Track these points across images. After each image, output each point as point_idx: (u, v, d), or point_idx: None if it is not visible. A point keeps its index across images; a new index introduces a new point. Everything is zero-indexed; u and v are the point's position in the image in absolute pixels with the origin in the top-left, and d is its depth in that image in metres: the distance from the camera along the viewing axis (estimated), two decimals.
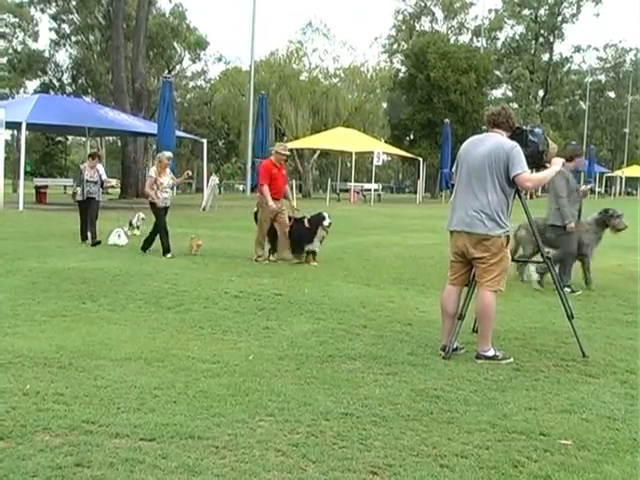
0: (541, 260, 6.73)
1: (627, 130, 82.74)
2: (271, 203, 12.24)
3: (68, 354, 5.99)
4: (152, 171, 13.56)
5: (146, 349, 6.25)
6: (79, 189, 14.83)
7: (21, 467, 3.78)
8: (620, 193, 72.82)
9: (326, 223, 12.46)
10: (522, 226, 10.55)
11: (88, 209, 14.78)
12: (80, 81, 67.24)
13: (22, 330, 6.86)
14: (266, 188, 12.33)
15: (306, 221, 12.64)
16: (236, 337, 6.90)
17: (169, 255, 12.70)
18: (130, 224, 16.60)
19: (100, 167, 15.18)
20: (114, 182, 29.71)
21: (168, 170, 13.53)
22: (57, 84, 67.21)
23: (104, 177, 15.38)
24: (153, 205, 13.27)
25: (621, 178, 74.17)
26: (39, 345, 6.27)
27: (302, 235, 12.51)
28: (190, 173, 21.58)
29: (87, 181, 14.78)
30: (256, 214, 12.88)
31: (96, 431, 4.30)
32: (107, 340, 6.56)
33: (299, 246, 12.56)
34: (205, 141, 32.55)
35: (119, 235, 14.59)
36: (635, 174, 74.34)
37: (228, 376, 5.52)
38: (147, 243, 13.33)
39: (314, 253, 12.50)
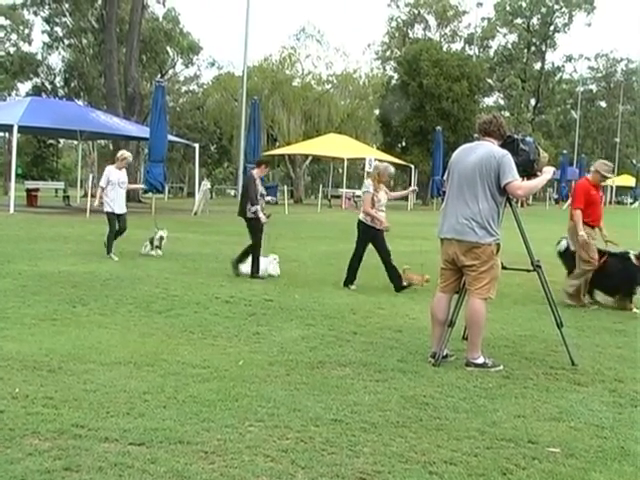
0: (531, 269, 6.73)
1: (618, 140, 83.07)
2: (582, 233, 9.81)
3: (58, 358, 5.98)
4: (368, 185, 10.81)
5: (136, 353, 6.24)
6: (258, 207, 11.47)
7: (9, 471, 3.77)
8: (610, 202, 73.07)
9: None
10: None
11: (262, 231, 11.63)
12: (72, 84, 66.96)
13: (11, 333, 6.85)
14: (579, 213, 9.95)
15: (633, 257, 10.14)
16: (226, 342, 6.90)
17: (402, 289, 10.64)
18: (151, 243, 13.77)
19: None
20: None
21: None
22: (49, 87, 66.98)
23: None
24: (366, 226, 10.77)
25: (612, 187, 74.42)
26: (29, 348, 6.26)
27: (632, 275, 9.98)
28: (416, 189, 18.42)
29: (262, 195, 11.76)
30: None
31: (85, 435, 4.30)
32: (97, 344, 6.56)
33: (629, 288, 10.03)
34: (197, 146, 32.49)
35: (277, 261, 11.70)
36: (625, 183, 74.69)
37: (218, 381, 5.52)
38: (395, 280, 10.76)
39: None
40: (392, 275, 10.78)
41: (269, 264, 11.53)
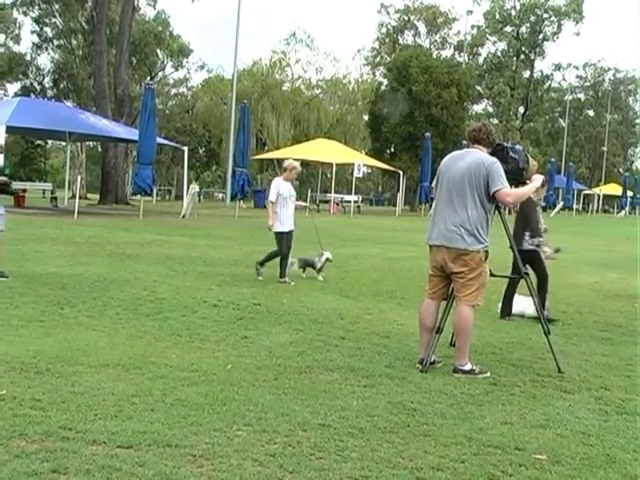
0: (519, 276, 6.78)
1: (605, 148, 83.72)
2: None
3: (45, 359, 5.95)
4: None
5: (124, 356, 6.23)
6: (542, 240, 9.14)
7: None
8: (597, 211, 73.48)
9: None
10: None
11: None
12: (61, 85, 66.78)
13: None
14: None
15: None
16: (214, 346, 6.89)
17: None
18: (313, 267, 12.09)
19: None
20: None
21: None
22: (38, 88, 66.79)
23: None
24: None
25: (599, 196, 74.88)
26: (16, 350, 6.23)
27: None
28: None
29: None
30: None
31: (73, 437, 4.28)
32: (85, 346, 6.53)
33: None
34: (186, 149, 32.41)
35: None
36: (612, 192, 75.12)
37: (206, 385, 5.52)
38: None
39: None
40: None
41: (523, 302, 9.25)
